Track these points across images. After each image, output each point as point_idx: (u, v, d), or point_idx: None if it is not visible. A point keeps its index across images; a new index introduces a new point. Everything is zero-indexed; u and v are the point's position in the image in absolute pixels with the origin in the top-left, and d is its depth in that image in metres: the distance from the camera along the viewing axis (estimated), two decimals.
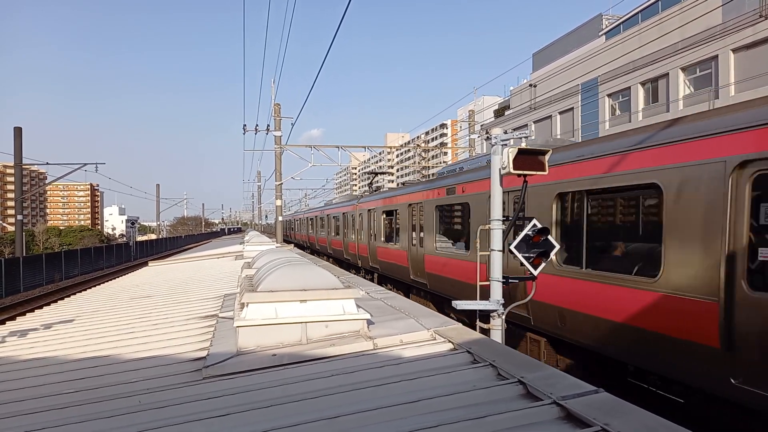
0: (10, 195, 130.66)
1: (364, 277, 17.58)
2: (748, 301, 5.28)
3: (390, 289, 16.52)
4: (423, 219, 14.63)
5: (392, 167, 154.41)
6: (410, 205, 15.77)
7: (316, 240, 34.65)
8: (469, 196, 11.51)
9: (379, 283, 18.01)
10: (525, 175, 6.23)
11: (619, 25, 37.63)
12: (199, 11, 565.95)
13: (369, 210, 20.56)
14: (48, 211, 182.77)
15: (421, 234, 14.73)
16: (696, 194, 5.91)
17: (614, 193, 7.47)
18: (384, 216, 18.69)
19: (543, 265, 6.47)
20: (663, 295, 6.28)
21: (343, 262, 25.17)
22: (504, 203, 8.54)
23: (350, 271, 17.63)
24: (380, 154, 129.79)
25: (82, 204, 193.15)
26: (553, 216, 8.59)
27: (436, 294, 13.80)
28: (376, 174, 27.97)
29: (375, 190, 25.85)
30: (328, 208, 30.66)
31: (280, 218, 27.14)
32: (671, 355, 6.18)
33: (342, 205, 26.18)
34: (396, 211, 17.18)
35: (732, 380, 5.41)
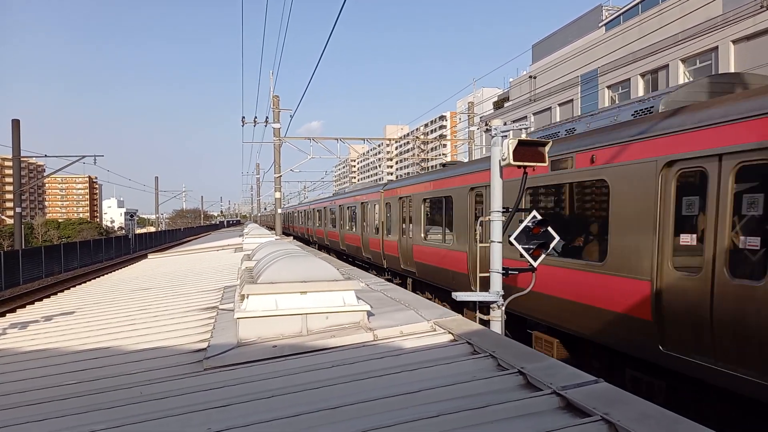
0: (9, 188, 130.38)
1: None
2: None
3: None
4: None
5: (391, 159, 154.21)
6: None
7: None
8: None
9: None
10: (525, 167, 6.23)
11: (619, 16, 37.43)
12: (197, 2, 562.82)
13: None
14: (47, 203, 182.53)
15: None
16: None
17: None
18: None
19: (543, 256, 6.48)
20: None
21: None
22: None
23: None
24: (379, 146, 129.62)
25: (81, 196, 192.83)
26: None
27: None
28: None
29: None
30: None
31: (279, 210, 27.12)
32: None
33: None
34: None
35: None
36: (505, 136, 6.36)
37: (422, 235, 14.66)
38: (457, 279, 12.30)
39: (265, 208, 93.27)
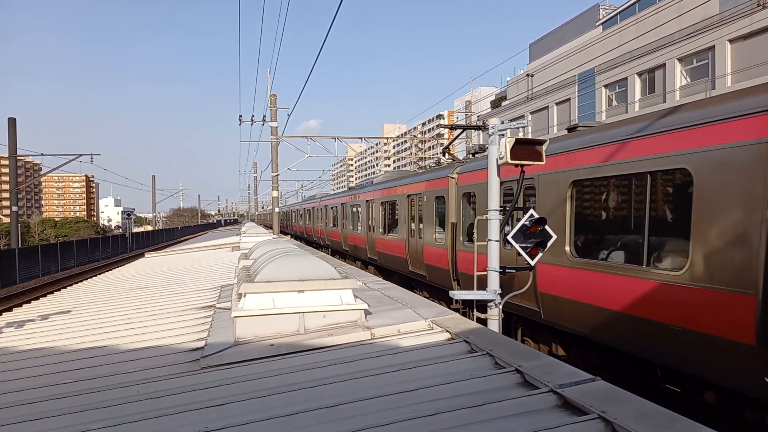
0: (5, 186, 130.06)
1: None
2: None
3: None
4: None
5: (388, 158, 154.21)
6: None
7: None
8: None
9: None
10: (522, 165, 6.23)
11: (616, 15, 37.47)
12: (195, 0, 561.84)
13: None
14: (43, 202, 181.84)
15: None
16: None
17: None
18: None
19: (540, 255, 6.48)
20: None
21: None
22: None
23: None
24: (377, 145, 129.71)
25: (78, 195, 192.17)
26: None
27: None
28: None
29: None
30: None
31: (277, 209, 27.07)
32: None
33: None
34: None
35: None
36: (503, 134, 6.37)
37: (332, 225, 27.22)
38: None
39: (263, 207, 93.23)
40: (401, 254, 15.44)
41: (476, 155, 12.75)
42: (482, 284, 6.81)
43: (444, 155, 14.37)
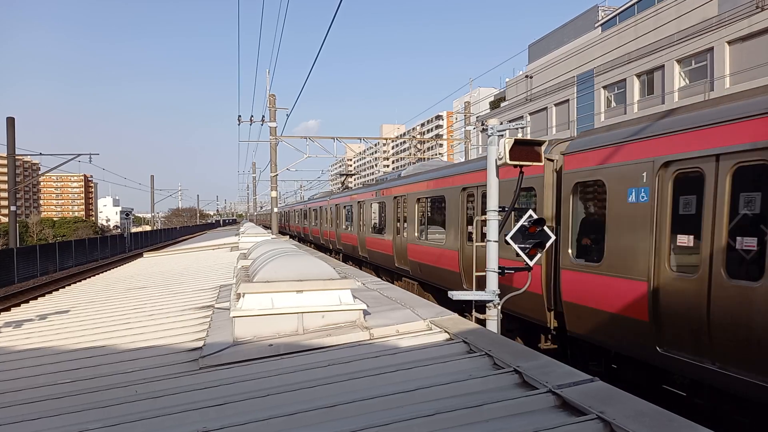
0: (3, 186, 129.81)
1: None
2: None
3: None
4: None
5: (387, 158, 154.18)
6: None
7: None
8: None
9: None
10: (521, 166, 6.23)
11: (615, 16, 37.52)
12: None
13: None
14: (41, 202, 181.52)
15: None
16: None
17: None
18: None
19: (538, 255, 6.49)
20: None
21: None
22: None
23: None
24: (375, 145, 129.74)
25: (76, 195, 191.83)
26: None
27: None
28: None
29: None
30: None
31: (276, 209, 27.06)
32: None
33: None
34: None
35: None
36: (502, 135, 6.38)
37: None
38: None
39: (261, 207, 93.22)
40: (317, 234, 31.27)
41: (345, 188, 28.69)
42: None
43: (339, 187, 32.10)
